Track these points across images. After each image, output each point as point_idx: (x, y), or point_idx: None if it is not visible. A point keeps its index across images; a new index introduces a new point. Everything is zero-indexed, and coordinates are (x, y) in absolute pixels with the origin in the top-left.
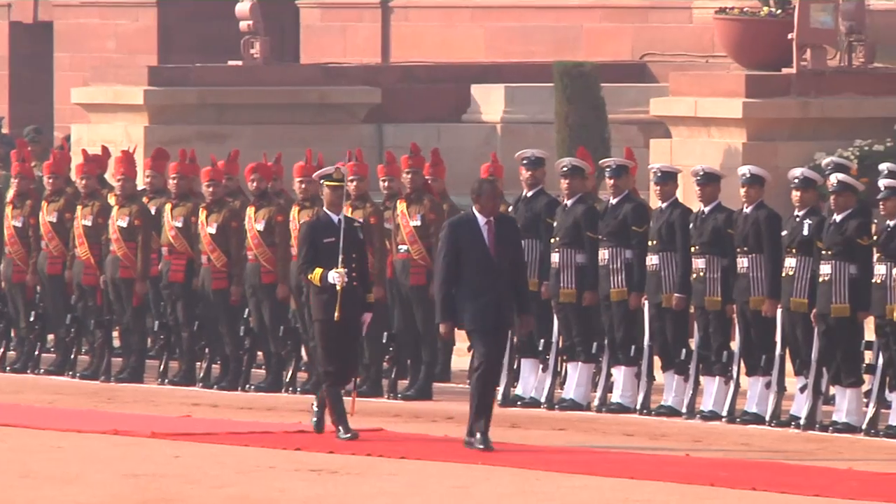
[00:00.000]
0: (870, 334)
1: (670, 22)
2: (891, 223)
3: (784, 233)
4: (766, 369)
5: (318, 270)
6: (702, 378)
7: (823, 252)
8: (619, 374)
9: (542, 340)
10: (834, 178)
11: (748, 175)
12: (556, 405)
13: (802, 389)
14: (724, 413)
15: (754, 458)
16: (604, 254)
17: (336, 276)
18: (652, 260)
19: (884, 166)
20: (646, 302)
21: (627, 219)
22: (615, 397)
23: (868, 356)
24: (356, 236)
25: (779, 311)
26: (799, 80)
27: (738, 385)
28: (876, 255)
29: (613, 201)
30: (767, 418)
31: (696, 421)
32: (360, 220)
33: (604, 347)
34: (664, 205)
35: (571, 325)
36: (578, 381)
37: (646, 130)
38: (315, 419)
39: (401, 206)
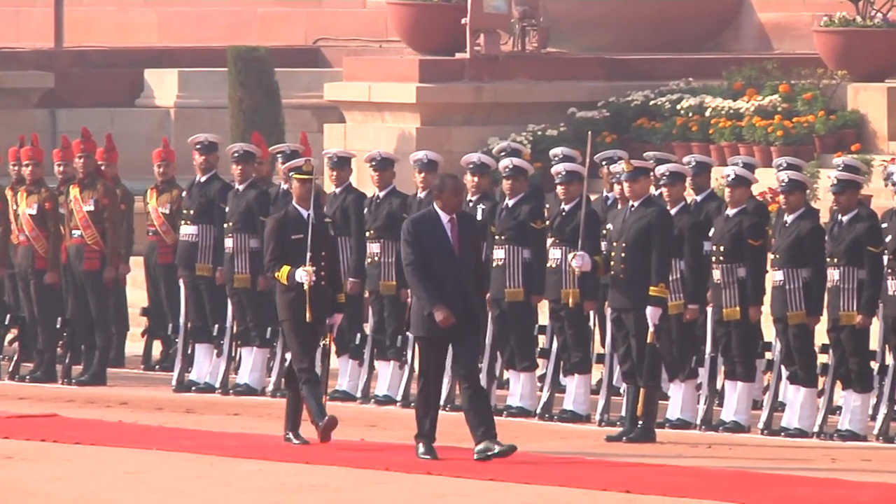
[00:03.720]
0: (544, 318)
1: (344, 7)
2: (566, 207)
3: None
4: None
5: (286, 268)
6: (377, 362)
7: (497, 237)
8: None
9: (217, 326)
10: (508, 162)
11: (424, 160)
12: (230, 390)
13: None
14: (399, 398)
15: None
16: None
17: (304, 275)
18: None
19: (557, 151)
20: None
21: None
22: None
23: (542, 340)
24: (326, 233)
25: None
26: (472, 65)
27: (412, 369)
28: (550, 240)
29: (285, 186)
30: (442, 403)
31: (370, 405)
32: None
33: (278, 332)
34: (338, 189)
35: (246, 310)
36: (253, 366)
37: (320, 115)
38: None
39: (74, 191)
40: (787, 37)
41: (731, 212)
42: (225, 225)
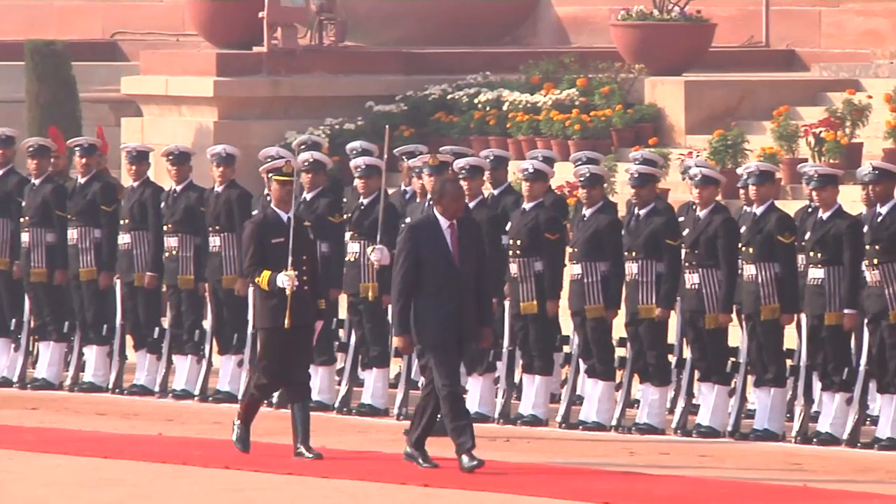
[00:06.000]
0: (343, 312)
1: (141, 0)
2: (364, 201)
3: (255, 211)
4: (238, 348)
5: (266, 273)
6: (174, 357)
7: None
8: (92, 353)
9: (14, 320)
10: (308, 156)
11: (222, 154)
12: (28, 384)
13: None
14: (197, 392)
15: (225, 436)
16: (73, 233)
17: (286, 280)
18: (124, 238)
19: (355, 145)
20: (118, 281)
21: (97, 198)
22: (87, 376)
23: (341, 334)
24: (306, 236)
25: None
26: (269, 59)
27: (210, 364)
28: (349, 233)
29: (82, 180)
30: (240, 396)
31: (168, 400)
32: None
33: (76, 326)
34: (136, 184)
35: (43, 304)
36: (51, 361)
37: (117, 109)
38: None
39: None
40: (585, 31)
41: (528, 206)
42: (21, 219)
